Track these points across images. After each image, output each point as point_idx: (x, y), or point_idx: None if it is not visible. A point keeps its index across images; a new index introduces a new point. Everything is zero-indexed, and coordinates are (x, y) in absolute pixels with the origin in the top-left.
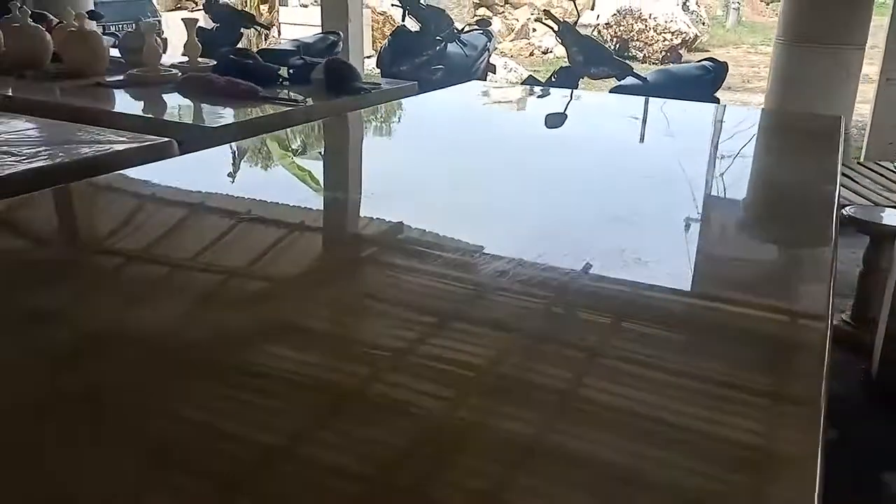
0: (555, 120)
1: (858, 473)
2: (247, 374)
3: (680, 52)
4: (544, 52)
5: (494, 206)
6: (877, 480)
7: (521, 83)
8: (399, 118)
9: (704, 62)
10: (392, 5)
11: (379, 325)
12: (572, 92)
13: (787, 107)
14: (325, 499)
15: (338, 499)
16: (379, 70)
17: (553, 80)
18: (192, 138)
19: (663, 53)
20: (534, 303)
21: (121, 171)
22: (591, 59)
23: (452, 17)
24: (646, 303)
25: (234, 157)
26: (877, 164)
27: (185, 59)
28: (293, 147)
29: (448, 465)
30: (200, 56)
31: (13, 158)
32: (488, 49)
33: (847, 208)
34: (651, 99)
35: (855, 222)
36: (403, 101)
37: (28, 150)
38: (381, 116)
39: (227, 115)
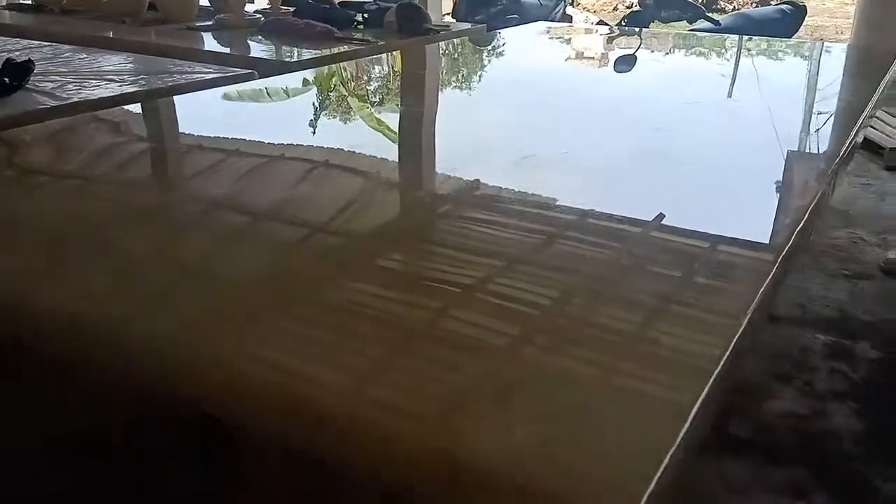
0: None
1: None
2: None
3: None
4: (628, 7)
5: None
6: None
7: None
8: (463, 53)
9: (783, 5)
10: None
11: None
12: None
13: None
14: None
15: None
16: (455, 21)
17: (623, 24)
18: (272, 70)
19: (755, 3)
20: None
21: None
22: (662, 1)
23: None
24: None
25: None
26: None
27: (269, 5)
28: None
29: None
30: (282, 3)
31: (116, 84)
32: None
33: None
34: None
35: None
36: (469, 40)
37: (129, 78)
38: (445, 51)
39: (303, 53)
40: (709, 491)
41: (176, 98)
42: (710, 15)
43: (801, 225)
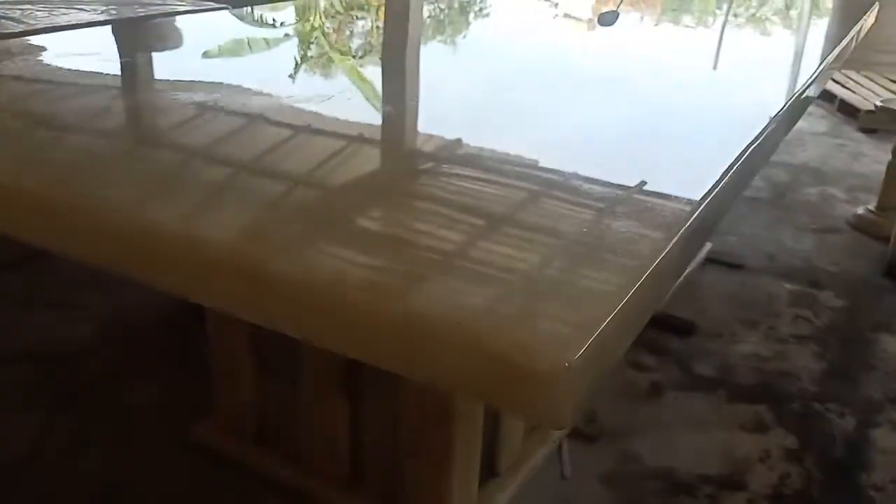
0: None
1: (860, 336)
2: None
3: None
4: None
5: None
6: (872, 340)
7: None
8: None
9: None
10: None
11: None
12: None
13: None
14: None
15: None
16: None
17: None
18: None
19: None
20: None
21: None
22: None
23: None
24: None
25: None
26: None
27: None
28: None
29: None
30: None
31: (87, 15)
32: None
33: (879, 100)
34: None
35: (886, 111)
36: None
37: (100, 7)
38: None
39: None
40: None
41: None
42: None
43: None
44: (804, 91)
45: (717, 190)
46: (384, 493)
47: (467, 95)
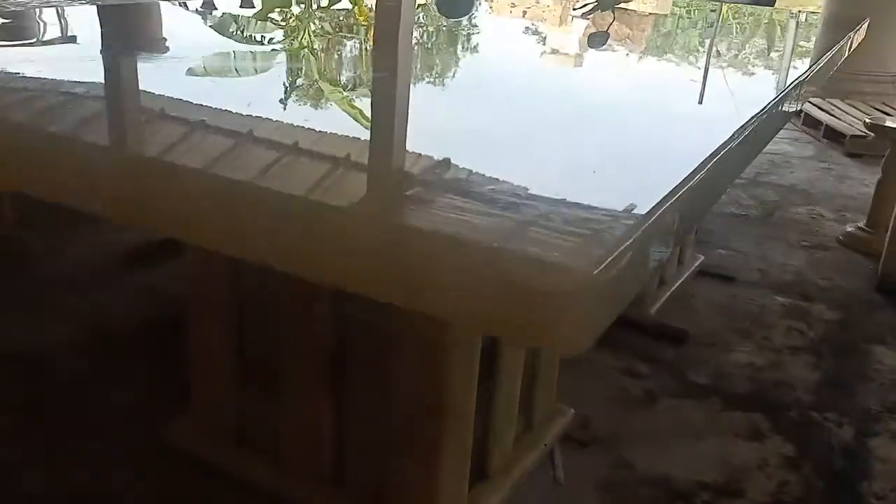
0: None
1: (854, 348)
2: None
3: None
4: None
5: None
6: (867, 352)
7: None
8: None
9: None
10: None
11: None
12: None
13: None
14: None
15: None
16: None
17: None
18: None
19: None
20: None
21: None
22: None
23: None
24: None
25: None
26: None
27: None
28: None
29: None
30: None
31: None
32: None
33: (869, 117)
34: None
35: (875, 129)
36: None
37: None
38: None
39: None
40: None
41: None
42: None
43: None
44: (776, 106)
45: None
46: (369, 494)
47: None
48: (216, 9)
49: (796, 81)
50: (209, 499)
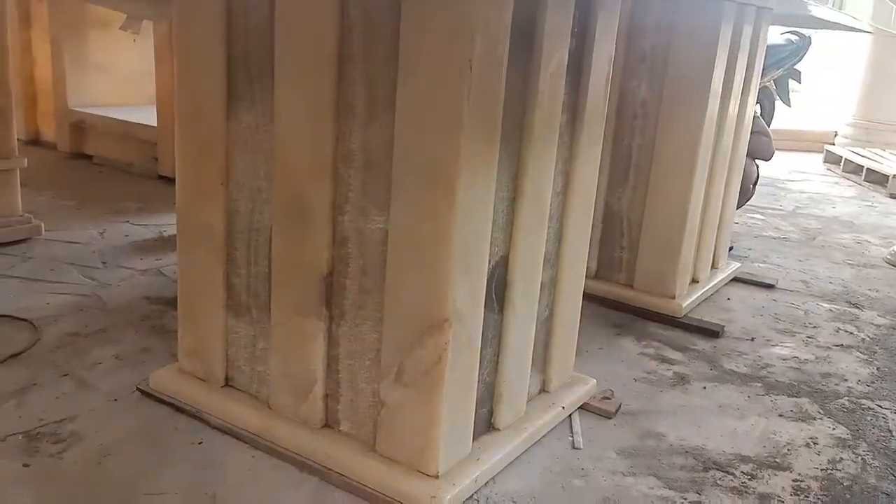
0: None
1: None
2: None
3: None
4: None
5: None
6: None
7: None
8: None
9: (788, 34)
10: None
11: None
12: None
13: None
14: None
15: None
16: None
17: None
18: None
19: None
20: None
21: None
22: None
23: None
24: None
25: None
26: None
27: None
28: None
29: None
30: None
31: None
32: None
33: None
34: None
35: None
36: None
37: None
38: None
39: None
40: None
41: None
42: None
43: None
44: None
45: None
46: (363, 435)
47: None
48: None
49: None
50: (190, 441)
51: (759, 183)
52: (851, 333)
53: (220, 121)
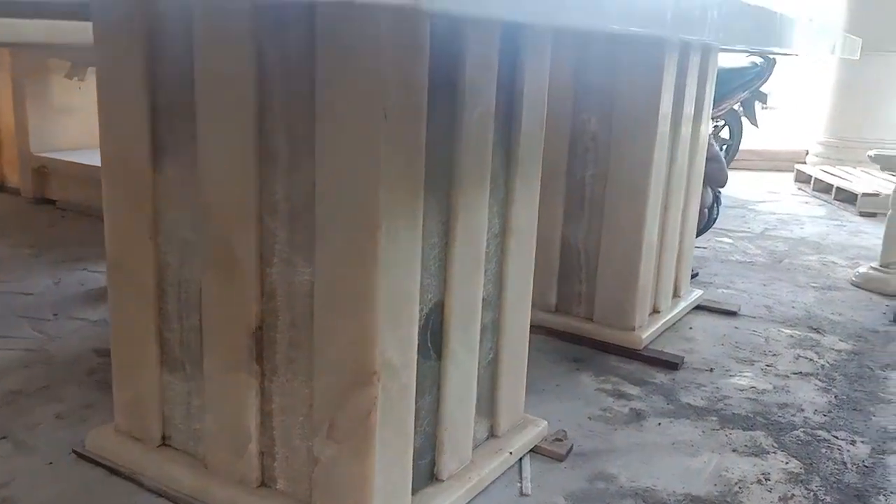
0: None
1: (869, 374)
2: None
3: None
4: None
5: None
6: (883, 377)
7: None
8: None
9: (754, 57)
10: None
11: None
12: None
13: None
14: None
15: None
16: None
17: None
18: None
19: None
20: None
21: None
22: None
23: None
24: None
25: None
26: None
27: None
28: None
29: None
30: None
31: None
32: None
33: (871, 151)
34: None
35: (880, 160)
36: None
37: None
38: None
39: None
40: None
41: None
42: None
43: None
44: None
45: None
46: (299, 493)
47: None
48: None
49: None
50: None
51: (723, 206)
52: (811, 360)
53: (146, 172)
